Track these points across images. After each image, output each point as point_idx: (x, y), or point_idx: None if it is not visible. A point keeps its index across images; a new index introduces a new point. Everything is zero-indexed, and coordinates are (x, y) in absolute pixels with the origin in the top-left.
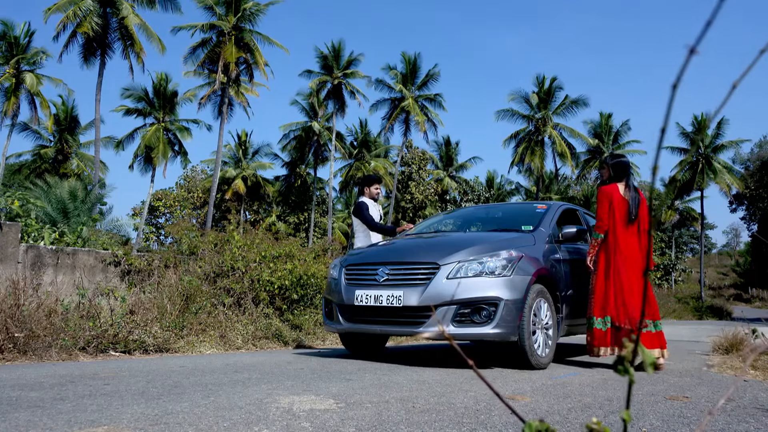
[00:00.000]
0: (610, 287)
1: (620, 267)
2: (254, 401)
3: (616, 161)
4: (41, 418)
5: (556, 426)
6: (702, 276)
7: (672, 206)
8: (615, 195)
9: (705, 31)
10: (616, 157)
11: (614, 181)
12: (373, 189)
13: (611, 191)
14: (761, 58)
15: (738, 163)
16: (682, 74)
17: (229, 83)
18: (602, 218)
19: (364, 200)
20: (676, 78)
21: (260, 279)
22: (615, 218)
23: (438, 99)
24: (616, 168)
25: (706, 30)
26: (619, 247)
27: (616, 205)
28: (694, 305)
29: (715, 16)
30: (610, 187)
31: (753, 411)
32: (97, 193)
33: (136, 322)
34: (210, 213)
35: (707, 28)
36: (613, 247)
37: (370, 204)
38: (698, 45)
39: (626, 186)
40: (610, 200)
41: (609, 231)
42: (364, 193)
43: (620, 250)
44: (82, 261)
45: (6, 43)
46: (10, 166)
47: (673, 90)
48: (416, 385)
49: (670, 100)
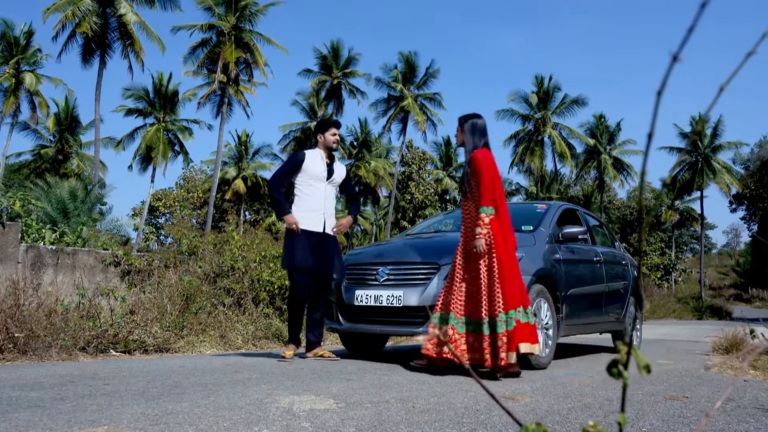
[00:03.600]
0: (515, 272)
1: (511, 248)
2: (254, 401)
3: (473, 122)
4: (41, 418)
5: (556, 426)
6: (702, 276)
7: (672, 206)
8: (495, 163)
9: (687, 37)
10: (470, 117)
11: (478, 147)
12: (329, 135)
13: (491, 157)
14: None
15: (738, 163)
16: (666, 81)
17: (228, 83)
18: (489, 188)
19: (307, 152)
20: (661, 85)
21: (260, 279)
22: (497, 190)
23: (437, 98)
24: (476, 130)
25: (689, 36)
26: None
27: (497, 175)
28: (694, 305)
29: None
30: (486, 151)
31: (753, 411)
32: (97, 193)
33: (136, 322)
34: (210, 213)
35: (689, 35)
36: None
37: (311, 157)
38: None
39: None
40: (492, 168)
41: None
42: (318, 142)
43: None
44: (82, 261)
45: (5, 42)
46: (10, 165)
47: (658, 96)
48: (416, 385)
49: (655, 106)
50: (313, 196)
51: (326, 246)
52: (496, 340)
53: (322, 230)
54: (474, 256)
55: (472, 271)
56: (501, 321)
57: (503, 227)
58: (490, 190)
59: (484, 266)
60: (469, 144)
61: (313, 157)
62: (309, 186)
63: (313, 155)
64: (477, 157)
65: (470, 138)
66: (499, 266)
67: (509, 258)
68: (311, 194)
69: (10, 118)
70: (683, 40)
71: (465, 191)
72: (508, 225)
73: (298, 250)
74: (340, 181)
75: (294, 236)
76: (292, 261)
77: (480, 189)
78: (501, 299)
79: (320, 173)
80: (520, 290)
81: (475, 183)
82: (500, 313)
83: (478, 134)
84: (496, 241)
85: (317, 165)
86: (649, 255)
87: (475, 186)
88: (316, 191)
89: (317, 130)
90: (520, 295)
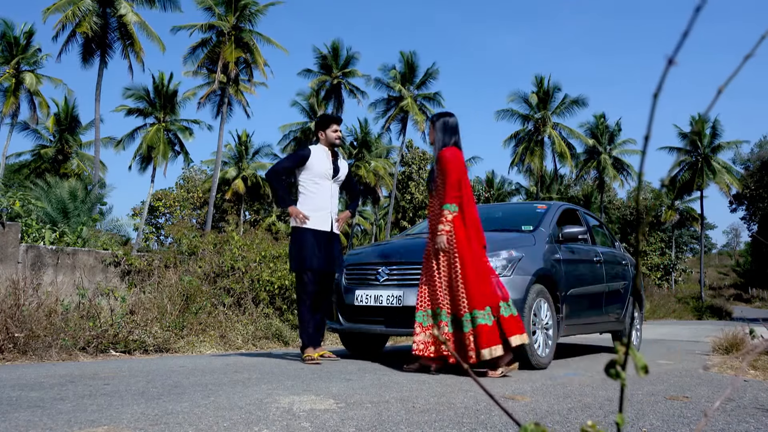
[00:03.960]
0: (480, 270)
1: (477, 245)
2: (254, 401)
3: (444, 120)
4: (41, 418)
5: (555, 426)
6: (702, 276)
7: (672, 206)
8: (463, 161)
9: (682, 41)
10: (442, 115)
11: (447, 145)
12: (330, 132)
13: (460, 156)
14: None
15: (738, 163)
16: (662, 83)
17: (228, 83)
18: (455, 186)
19: (312, 147)
20: (657, 87)
21: (260, 279)
22: (464, 188)
23: (437, 98)
24: (447, 128)
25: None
26: (472, 223)
27: (465, 173)
28: (694, 305)
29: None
30: (455, 150)
31: (753, 411)
32: (97, 193)
33: (136, 322)
34: (210, 213)
35: (684, 39)
36: (467, 222)
37: (316, 153)
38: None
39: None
40: (460, 166)
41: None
42: (319, 140)
43: (473, 227)
44: (82, 261)
45: (5, 42)
46: (10, 165)
47: (654, 98)
48: (416, 385)
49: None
50: (319, 194)
51: (333, 245)
52: (463, 339)
53: (330, 229)
54: (436, 253)
55: (436, 268)
56: (467, 321)
57: (468, 226)
58: (456, 188)
59: (445, 264)
60: (438, 142)
61: (318, 153)
62: (315, 184)
63: (318, 152)
64: (445, 155)
65: (441, 136)
66: (461, 265)
67: (473, 257)
68: (317, 192)
69: (10, 118)
70: (678, 44)
71: (431, 189)
72: (474, 224)
73: (308, 251)
74: (344, 178)
75: (302, 236)
76: (303, 263)
77: (445, 187)
78: (465, 299)
79: (326, 171)
80: (489, 289)
81: (442, 181)
82: (465, 312)
83: (449, 132)
84: (459, 239)
85: (323, 162)
86: (649, 255)
87: (441, 184)
88: (322, 189)
89: (318, 126)
90: (489, 294)
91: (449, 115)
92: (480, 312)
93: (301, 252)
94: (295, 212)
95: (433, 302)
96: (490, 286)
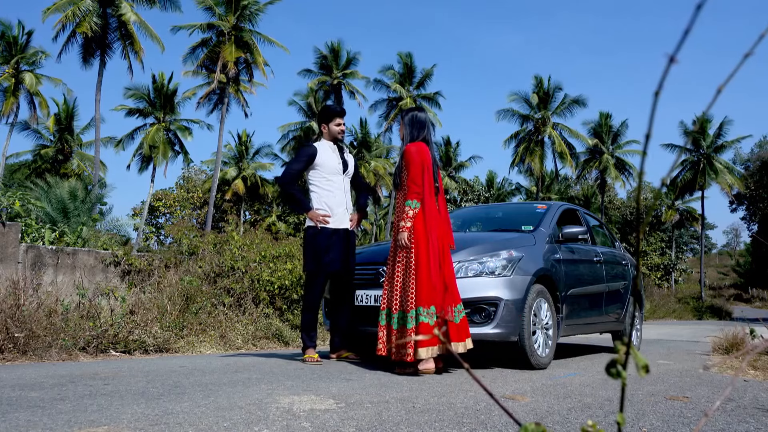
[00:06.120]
0: (433, 269)
1: (437, 244)
2: (254, 401)
3: (413, 114)
4: (41, 418)
5: (555, 426)
6: (702, 276)
7: (672, 206)
8: (427, 156)
9: (683, 39)
10: (412, 110)
11: (415, 140)
12: (333, 126)
13: (424, 150)
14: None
15: (738, 163)
16: (663, 82)
17: (228, 83)
18: (416, 181)
19: (316, 144)
20: (658, 86)
21: (260, 279)
22: (425, 184)
23: (436, 98)
24: (415, 123)
25: (685, 38)
26: (432, 220)
27: (427, 169)
28: (695, 305)
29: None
30: (420, 145)
31: (753, 411)
32: (97, 193)
33: (136, 322)
34: (210, 213)
35: (685, 37)
36: (427, 218)
37: (323, 149)
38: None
39: (429, 146)
40: (423, 161)
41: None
42: (322, 134)
43: (433, 224)
44: (82, 261)
45: (5, 43)
46: (10, 165)
47: (655, 97)
48: (416, 385)
49: (652, 107)
50: (333, 191)
51: (350, 244)
52: (404, 335)
53: (347, 227)
54: (396, 251)
55: (395, 264)
56: (411, 317)
57: (428, 222)
58: (418, 183)
59: (403, 260)
60: (406, 137)
61: (325, 149)
62: (327, 181)
63: (324, 147)
64: (409, 150)
65: (409, 130)
66: (416, 261)
67: (428, 254)
68: (331, 189)
69: (10, 118)
70: (679, 42)
71: (397, 183)
72: (434, 219)
73: (324, 252)
74: (353, 172)
75: (318, 236)
76: (319, 264)
77: (407, 182)
78: (413, 295)
79: (336, 166)
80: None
81: (405, 176)
82: (411, 309)
83: (417, 127)
84: (417, 236)
85: (331, 158)
86: (649, 255)
87: (405, 179)
88: (335, 185)
89: (321, 120)
90: (438, 293)
91: (419, 109)
92: (425, 310)
93: (317, 253)
94: (315, 216)
95: (389, 301)
96: (440, 285)
